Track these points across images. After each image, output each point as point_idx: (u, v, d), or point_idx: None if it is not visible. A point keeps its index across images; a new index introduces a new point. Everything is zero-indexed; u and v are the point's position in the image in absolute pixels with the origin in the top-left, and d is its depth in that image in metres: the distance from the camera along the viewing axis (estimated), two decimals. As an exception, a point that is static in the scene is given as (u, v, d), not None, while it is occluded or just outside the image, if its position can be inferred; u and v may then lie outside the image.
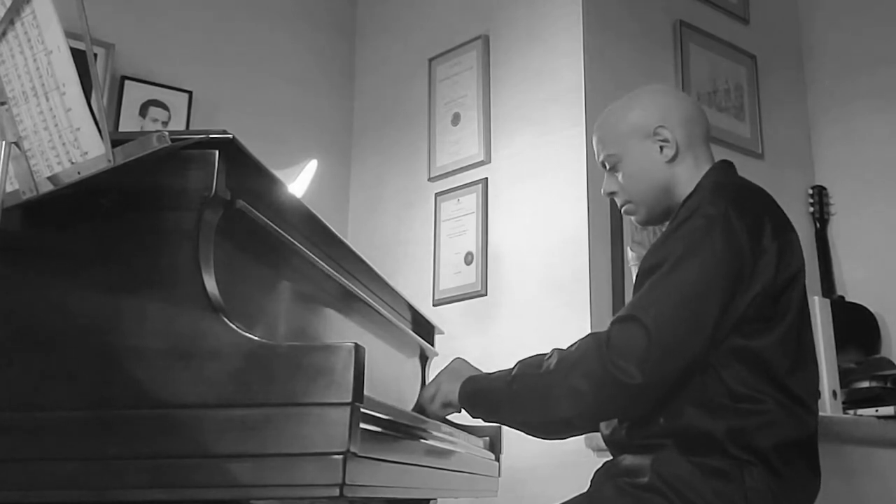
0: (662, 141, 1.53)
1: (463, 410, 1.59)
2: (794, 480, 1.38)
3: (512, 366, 1.51)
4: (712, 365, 1.37)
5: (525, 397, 1.45)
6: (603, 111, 1.65)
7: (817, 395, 1.49)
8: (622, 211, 1.63)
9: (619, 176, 1.58)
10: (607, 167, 1.60)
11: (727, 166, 1.57)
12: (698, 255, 1.36)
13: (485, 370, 2.65)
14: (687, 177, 1.53)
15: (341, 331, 1.65)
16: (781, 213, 1.48)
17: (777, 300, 1.40)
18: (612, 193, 1.61)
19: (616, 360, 1.32)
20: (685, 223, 1.40)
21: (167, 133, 1.08)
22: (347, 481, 1.00)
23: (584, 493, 1.47)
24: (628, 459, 1.43)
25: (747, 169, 2.32)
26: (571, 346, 1.44)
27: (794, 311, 1.43)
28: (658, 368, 1.32)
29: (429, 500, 1.86)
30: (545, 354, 1.49)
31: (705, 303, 1.35)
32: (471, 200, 2.86)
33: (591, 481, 1.51)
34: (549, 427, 1.47)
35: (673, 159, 1.53)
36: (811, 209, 3.15)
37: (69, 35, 1.09)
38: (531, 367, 1.47)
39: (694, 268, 1.35)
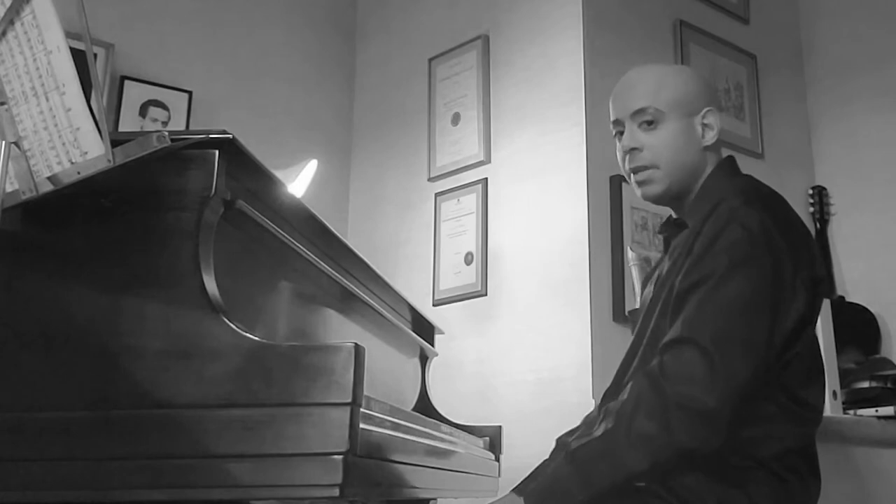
0: (706, 125, 1.49)
1: None
2: (796, 484, 1.37)
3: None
4: None
5: (593, 467, 1.30)
6: (646, 66, 1.54)
7: (823, 403, 1.46)
8: (635, 175, 1.49)
9: (655, 136, 1.46)
10: (644, 120, 1.47)
11: (734, 162, 1.55)
12: (746, 269, 1.30)
13: (485, 370, 2.66)
14: (708, 167, 1.49)
15: (341, 331, 1.65)
16: (801, 220, 1.44)
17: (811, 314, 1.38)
18: (634, 150, 1.47)
19: (678, 388, 1.25)
20: (722, 235, 1.33)
21: (167, 133, 1.08)
22: (347, 482, 0.99)
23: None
24: None
25: (747, 169, 2.29)
26: (621, 396, 1.34)
27: (814, 322, 1.40)
28: (726, 389, 1.25)
29: (429, 500, 1.85)
30: (593, 420, 1.42)
31: (760, 317, 1.29)
32: (471, 200, 2.86)
33: None
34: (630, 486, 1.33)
35: (710, 147, 1.49)
36: (811, 209, 3.15)
37: (69, 35, 1.09)
38: (585, 437, 1.35)
39: (744, 282, 1.29)
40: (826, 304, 2.30)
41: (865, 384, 2.38)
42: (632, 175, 1.51)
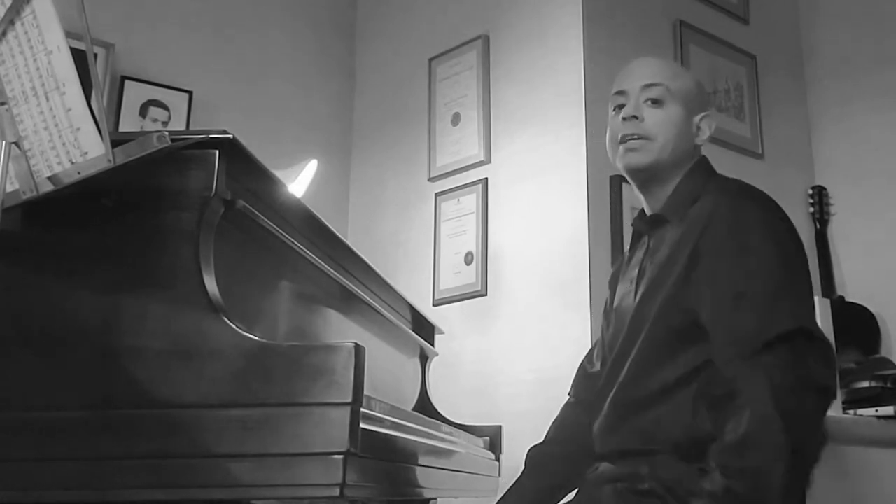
0: (700, 127, 1.54)
1: None
2: None
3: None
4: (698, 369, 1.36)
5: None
6: (662, 58, 1.66)
7: None
8: (627, 142, 1.49)
9: (658, 113, 1.49)
10: (652, 97, 1.50)
11: (709, 162, 1.58)
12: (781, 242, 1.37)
13: (485, 370, 2.66)
14: (689, 166, 1.52)
15: (341, 331, 1.65)
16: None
17: None
18: (635, 118, 1.49)
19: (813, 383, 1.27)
20: (749, 230, 1.37)
21: (167, 133, 1.08)
22: (347, 481, 1.00)
23: (575, 499, 1.46)
24: (624, 466, 1.41)
25: (747, 169, 2.31)
26: (733, 444, 1.25)
27: None
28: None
29: (429, 499, 1.85)
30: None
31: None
32: (471, 200, 2.86)
33: (580, 488, 1.50)
34: None
35: (698, 147, 1.54)
36: (811, 209, 3.15)
37: (69, 35, 1.09)
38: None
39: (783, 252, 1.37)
40: (826, 304, 2.30)
41: (865, 384, 2.38)
42: (623, 143, 1.51)
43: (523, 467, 1.64)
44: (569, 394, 1.72)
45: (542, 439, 1.69)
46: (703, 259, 1.38)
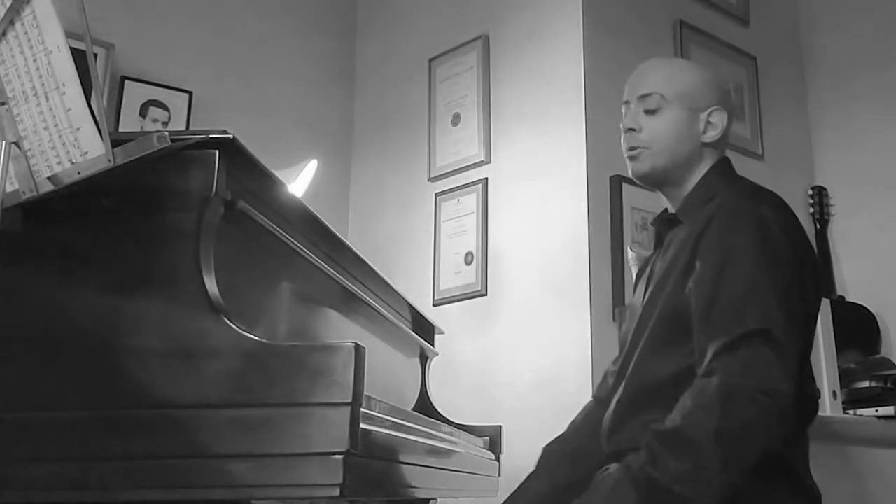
0: (710, 122, 1.53)
1: None
2: (814, 488, 1.39)
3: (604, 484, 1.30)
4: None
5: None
6: (665, 58, 1.65)
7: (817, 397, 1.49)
8: (629, 152, 1.54)
9: (654, 121, 1.52)
10: (648, 106, 1.53)
11: (730, 163, 1.58)
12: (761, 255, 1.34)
13: (485, 370, 2.66)
14: (704, 164, 1.53)
15: (342, 331, 1.65)
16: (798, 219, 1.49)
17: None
18: (631, 129, 1.53)
19: (764, 387, 1.23)
20: (738, 233, 1.36)
21: (167, 133, 1.08)
22: (348, 481, 1.00)
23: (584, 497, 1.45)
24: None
25: (747, 169, 2.28)
26: (672, 425, 1.25)
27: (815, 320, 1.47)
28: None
29: (429, 499, 1.85)
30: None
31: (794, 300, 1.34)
32: (471, 200, 2.86)
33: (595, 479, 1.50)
34: None
35: (710, 144, 1.53)
36: (811, 209, 3.15)
37: (69, 35, 1.09)
38: (651, 465, 1.24)
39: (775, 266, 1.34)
40: (826, 304, 2.31)
41: (865, 384, 2.38)
42: (627, 153, 1.56)
43: (535, 466, 1.66)
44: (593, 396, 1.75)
45: (551, 438, 1.70)
46: (696, 261, 1.39)
